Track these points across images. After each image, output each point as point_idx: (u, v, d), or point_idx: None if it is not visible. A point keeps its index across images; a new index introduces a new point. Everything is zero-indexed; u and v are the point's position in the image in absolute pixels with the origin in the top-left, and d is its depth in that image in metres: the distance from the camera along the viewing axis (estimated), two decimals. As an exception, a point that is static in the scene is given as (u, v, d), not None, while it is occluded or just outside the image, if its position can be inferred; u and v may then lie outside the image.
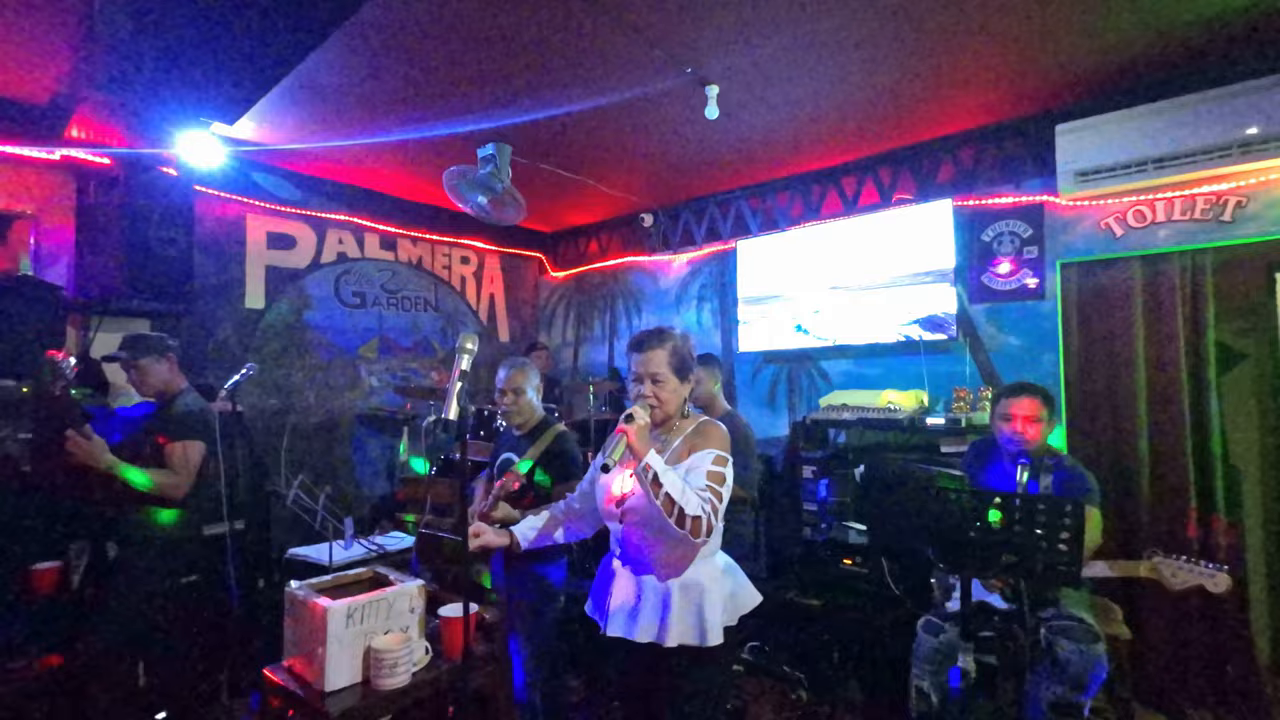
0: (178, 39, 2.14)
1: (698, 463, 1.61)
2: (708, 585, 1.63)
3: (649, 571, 1.66)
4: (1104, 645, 2.11)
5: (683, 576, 1.63)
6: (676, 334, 1.74)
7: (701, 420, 1.73)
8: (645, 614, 1.63)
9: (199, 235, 3.48)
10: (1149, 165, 2.74)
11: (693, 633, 1.60)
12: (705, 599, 1.62)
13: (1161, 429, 2.87)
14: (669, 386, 1.67)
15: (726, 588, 1.68)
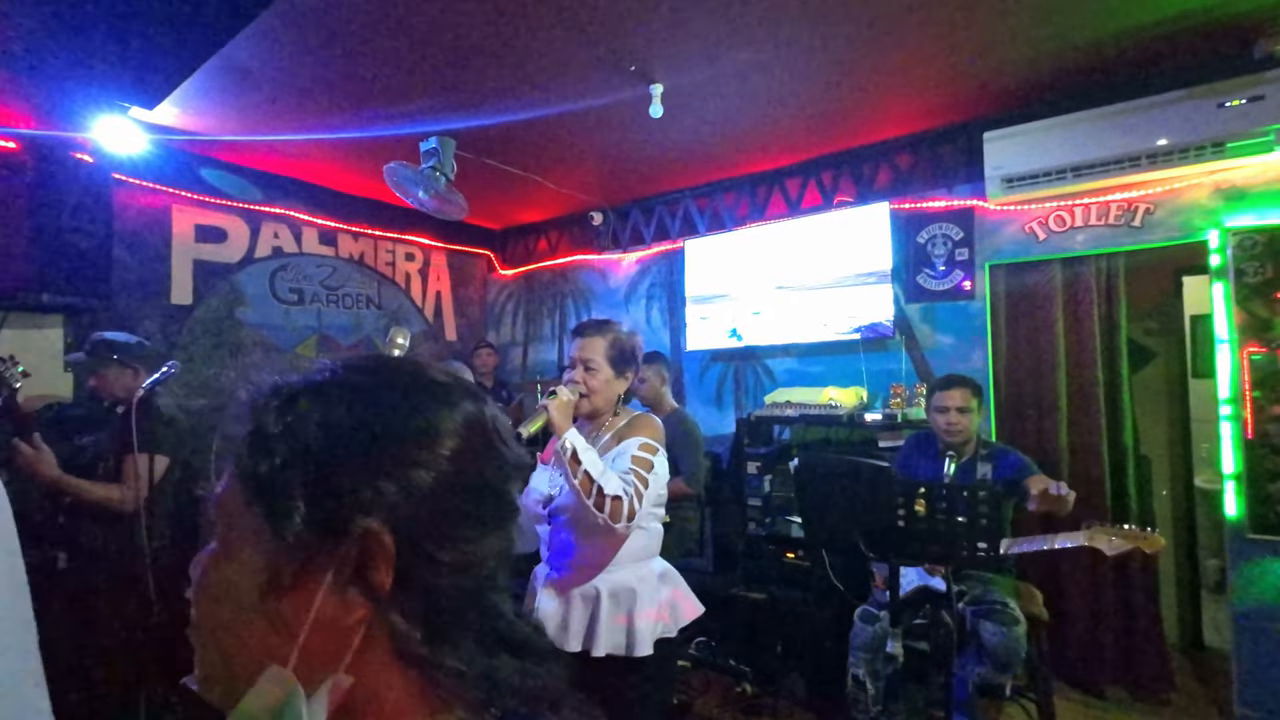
0: (87, 15, 2.01)
1: (624, 449, 1.58)
2: (640, 591, 1.58)
3: (578, 576, 1.60)
4: (1024, 627, 2.23)
5: (613, 581, 1.57)
6: (621, 328, 1.72)
7: (635, 415, 1.71)
8: (574, 621, 1.57)
9: (119, 226, 3.28)
10: (1069, 172, 2.90)
11: (622, 643, 1.54)
12: (636, 606, 1.56)
13: (1080, 421, 3.05)
14: (601, 375, 1.64)
15: (662, 595, 1.62)
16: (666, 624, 1.62)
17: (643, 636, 1.54)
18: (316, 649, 0.43)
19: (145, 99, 2.72)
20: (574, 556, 1.61)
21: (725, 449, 4.01)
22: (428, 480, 0.45)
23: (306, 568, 0.43)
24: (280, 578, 0.44)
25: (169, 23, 2.18)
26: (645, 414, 1.74)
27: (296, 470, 0.44)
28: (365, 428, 0.45)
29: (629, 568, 1.60)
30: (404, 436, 0.46)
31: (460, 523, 0.47)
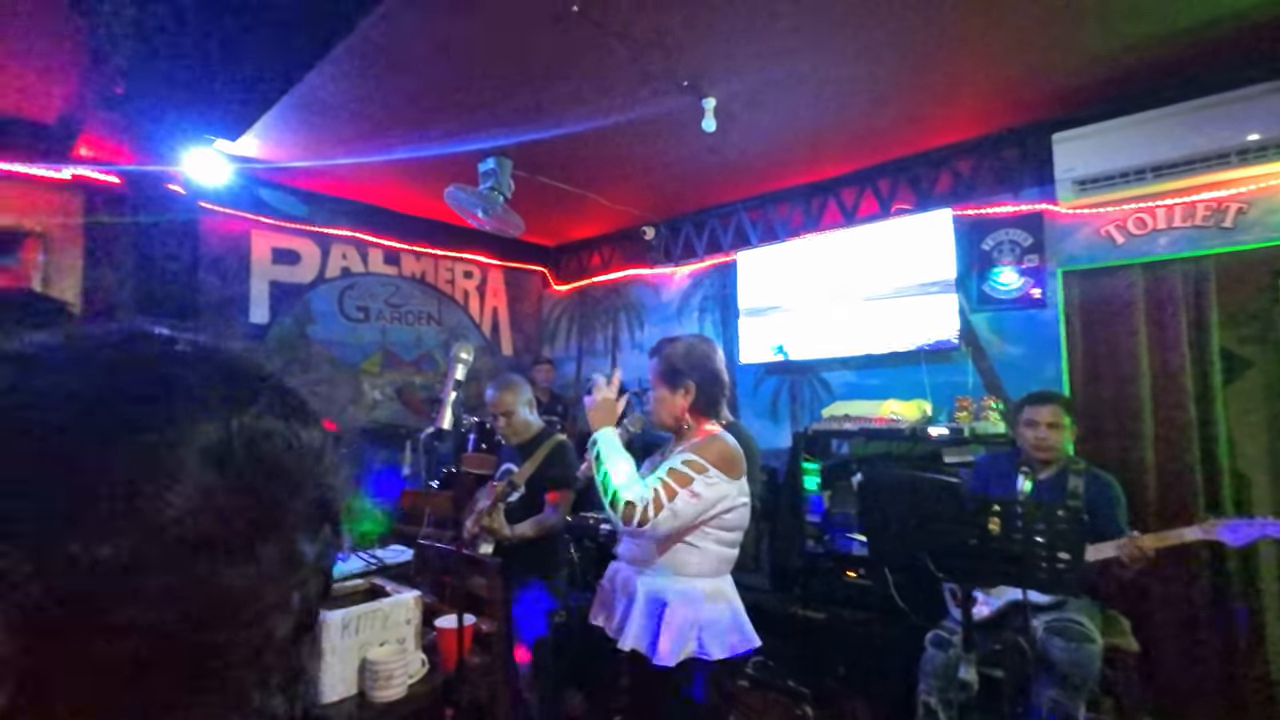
0: (180, 56, 2.18)
1: (669, 460, 1.65)
2: (672, 603, 1.59)
3: (629, 571, 1.73)
4: (1098, 646, 2.09)
5: (651, 584, 1.64)
6: (678, 342, 1.79)
7: (711, 435, 1.72)
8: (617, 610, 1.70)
9: (205, 251, 3.53)
10: (1148, 172, 2.73)
11: (645, 646, 1.59)
12: (665, 616, 1.59)
13: (1167, 437, 2.84)
14: (656, 395, 1.76)
15: (698, 614, 1.60)
16: (691, 645, 1.58)
17: (663, 648, 1.56)
18: None
19: (230, 131, 2.92)
20: (629, 552, 1.75)
21: (781, 463, 3.93)
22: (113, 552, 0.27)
23: None
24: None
25: (250, 60, 2.33)
26: (719, 435, 1.71)
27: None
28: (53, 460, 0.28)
29: (671, 578, 1.64)
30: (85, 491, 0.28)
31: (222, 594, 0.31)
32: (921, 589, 2.78)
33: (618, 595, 1.71)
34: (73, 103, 2.86)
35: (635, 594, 1.65)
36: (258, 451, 0.33)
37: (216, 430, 0.32)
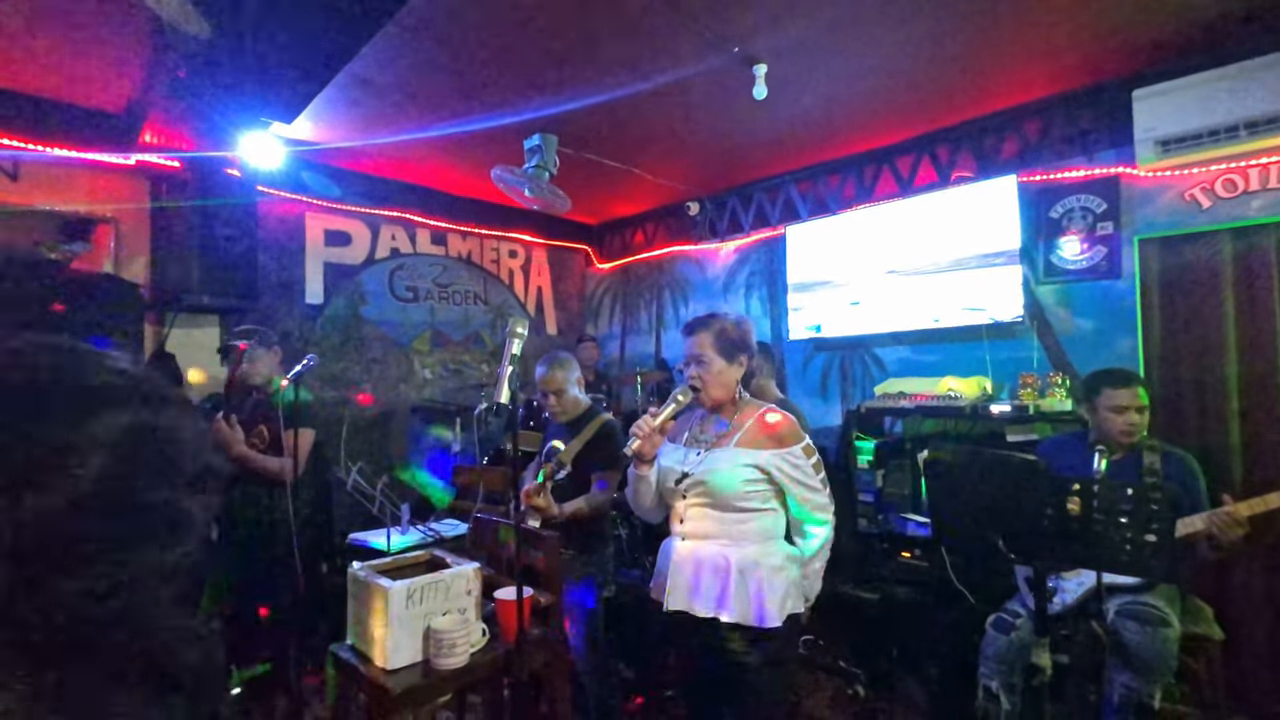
0: (238, 42, 2.22)
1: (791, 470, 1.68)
2: (766, 566, 1.66)
3: (711, 548, 1.70)
4: (1175, 631, 1.99)
5: (742, 555, 1.67)
6: (728, 317, 1.80)
7: (766, 408, 1.76)
8: (705, 587, 1.67)
9: (262, 234, 3.62)
10: (1241, 129, 2.52)
11: (750, 613, 1.62)
12: (764, 582, 1.64)
13: (1257, 417, 2.66)
14: (713, 368, 1.73)
15: (791, 574, 1.70)
16: (795, 599, 1.69)
17: (770, 609, 1.62)
18: None
19: (285, 114, 2.97)
20: (708, 530, 1.71)
21: (831, 442, 3.85)
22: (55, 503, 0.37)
23: None
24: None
25: (304, 42, 2.35)
26: (770, 408, 1.77)
27: None
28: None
29: (758, 544, 1.69)
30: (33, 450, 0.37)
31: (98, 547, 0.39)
32: (980, 571, 2.69)
33: (704, 575, 1.69)
34: (139, 91, 2.96)
35: (730, 568, 1.65)
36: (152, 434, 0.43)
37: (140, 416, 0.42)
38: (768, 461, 1.68)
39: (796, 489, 1.70)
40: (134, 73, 2.81)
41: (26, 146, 3.01)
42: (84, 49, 2.62)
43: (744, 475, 1.67)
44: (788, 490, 1.71)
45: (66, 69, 2.78)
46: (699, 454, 1.75)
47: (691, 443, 1.81)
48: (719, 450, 1.73)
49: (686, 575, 1.71)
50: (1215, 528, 1.95)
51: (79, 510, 0.38)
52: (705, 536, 1.72)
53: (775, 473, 1.68)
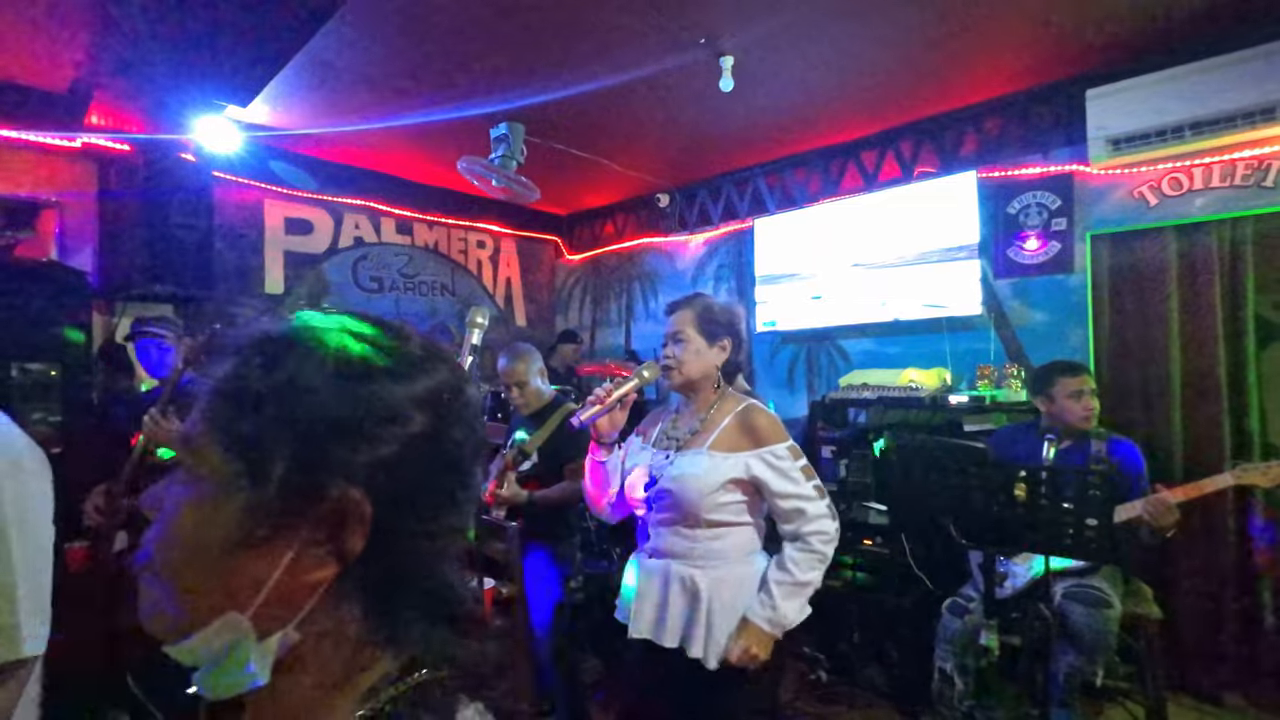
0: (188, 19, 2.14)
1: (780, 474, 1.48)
2: (744, 595, 1.49)
3: (679, 569, 1.52)
4: (1116, 612, 2.09)
5: (715, 579, 1.49)
6: (712, 299, 1.66)
7: (748, 405, 1.57)
8: (673, 616, 1.50)
9: (218, 221, 3.51)
10: (1186, 129, 2.62)
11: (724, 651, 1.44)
12: (737, 604, 1.47)
13: (1197, 407, 2.77)
14: (691, 346, 1.57)
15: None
16: None
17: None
18: (276, 602, 0.43)
19: (240, 97, 2.88)
20: (675, 547, 1.53)
21: (798, 433, 3.90)
22: (405, 452, 0.46)
23: (280, 526, 0.43)
24: (254, 532, 0.43)
25: (258, 21, 2.28)
26: (753, 405, 1.58)
27: (280, 430, 0.44)
28: (351, 394, 0.45)
29: (733, 566, 1.52)
30: (386, 407, 0.46)
31: (428, 496, 0.48)
32: (938, 557, 2.77)
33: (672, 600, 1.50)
34: (84, 69, 2.83)
35: (700, 597, 1.47)
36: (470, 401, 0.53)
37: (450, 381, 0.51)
38: (744, 464, 1.49)
39: (781, 501, 1.49)
40: (78, 49, 2.69)
41: (-38, 127, 2.87)
42: (22, 23, 2.49)
43: (714, 483, 1.48)
44: (770, 497, 1.50)
45: (4, 45, 2.64)
46: (668, 455, 1.55)
47: (661, 442, 1.61)
48: (690, 452, 1.53)
49: (653, 599, 1.52)
50: (1150, 514, 2.04)
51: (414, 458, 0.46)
52: (673, 555, 1.52)
53: (753, 476, 1.49)
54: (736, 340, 1.63)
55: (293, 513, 0.43)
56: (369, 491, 0.44)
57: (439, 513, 0.49)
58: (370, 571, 0.46)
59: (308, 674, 0.46)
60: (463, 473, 0.51)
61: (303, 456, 0.43)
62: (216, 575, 0.44)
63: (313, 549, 0.44)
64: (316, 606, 0.45)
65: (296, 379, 0.45)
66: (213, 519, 0.44)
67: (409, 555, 0.47)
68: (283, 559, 0.43)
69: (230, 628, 0.43)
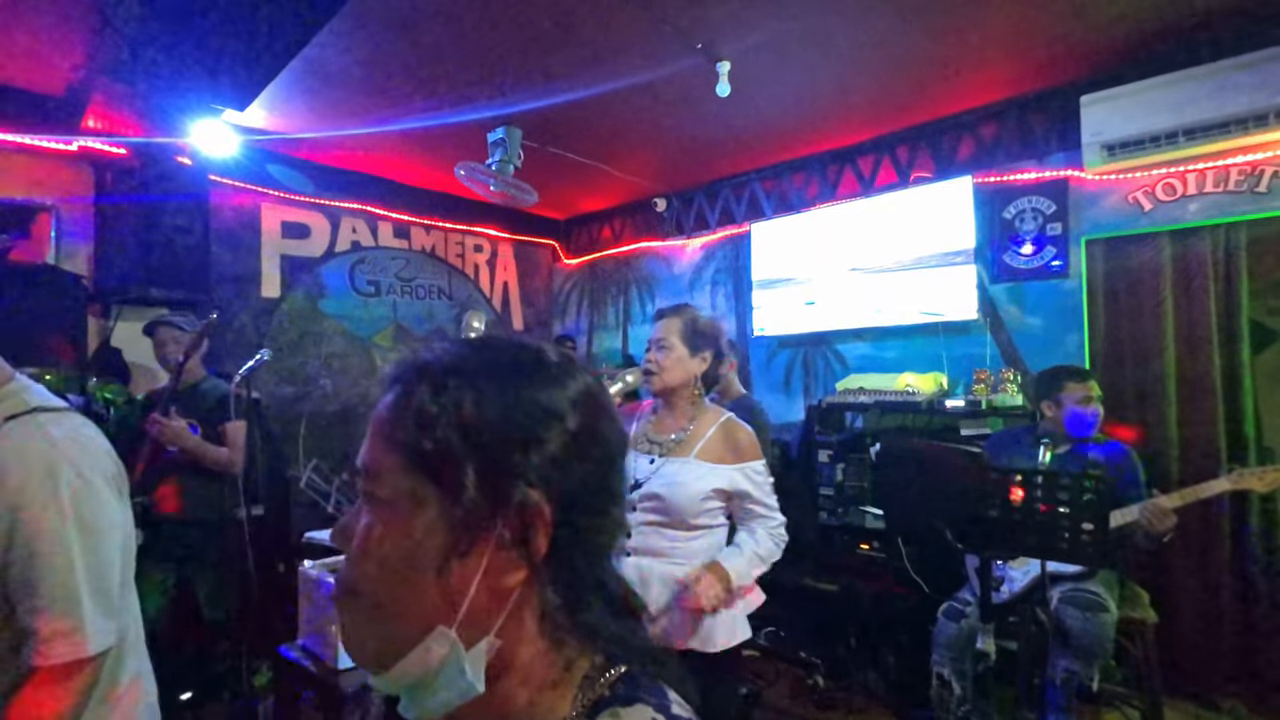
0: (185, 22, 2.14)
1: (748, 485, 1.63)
2: None
3: (660, 567, 1.60)
4: (1112, 616, 2.09)
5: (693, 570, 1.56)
6: (702, 311, 1.75)
7: (726, 421, 1.68)
8: (653, 613, 1.56)
9: (215, 225, 3.50)
10: (1180, 135, 2.63)
11: (704, 638, 1.55)
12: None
13: (1192, 411, 2.78)
14: (674, 354, 1.65)
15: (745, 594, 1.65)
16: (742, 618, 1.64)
17: (723, 632, 1.57)
18: (478, 611, 0.46)
19: (237, 101, 2.87)
20: (657, 547, 1.61)
21: (794, 436, 3.91)
22: (568, 451, 0.49)
23: (478, 535, 0.46)
24: (457, 544, 0.46)
25: (255, 25, 2.28)
26: (734, 420, 1.70)
27: (461, 446, 0.47)
28: (511, 404, 0.49)
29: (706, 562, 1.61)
30: (546, 411, 0.49)
31: (594, 491, 0.51)
32: (935, 562, 2.77)
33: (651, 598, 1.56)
34: (80, 73, 2.83)
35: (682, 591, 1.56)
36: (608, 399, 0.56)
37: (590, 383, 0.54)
38: (728, 476, 1.61)
39: (753, 506, 1.63)
40: (74, 53, 2.69)
41: (-43, 130, 2.86)
42: (19, 26, 2.49)
43: (704, 491, 1.58)
44: (743, 506, 1.64)
45: (1, 47, 2.64)
46: (653, 461, 1.64)
47: (641, 445, 1.68)
48: (677, 461, 1.62)
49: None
50: (1146, 519, 2.04)
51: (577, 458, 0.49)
52: (655, 554, 1.60)
53: (736, 488, 1.61)
54: (717, 354, 1.72)
55: (484, 521, 0.46)
56: (545, 492, 0.47)
57: (604, 506, 0.51)
58: (556, 571, 0.49)
59: (516, 678, 0.48)
60: (617, 466, 0.54)
61: (483, 466, 0.46)
62: (421, 593, 0.46)
63: (504, 554, 0.47)
64: (512, 611, 0.48)
65: (464, 396, 0.48)
66: (412, 539, 0.47)
67: (586, 551, 0.50)
68: (479, 568, 0.46)
69: (440, 642, 0.45)
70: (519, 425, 0.48)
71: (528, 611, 0.49)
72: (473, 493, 0.46)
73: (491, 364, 0.51)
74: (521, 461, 0.47)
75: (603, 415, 0.53)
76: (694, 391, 1.68)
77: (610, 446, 0.53)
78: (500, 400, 0.48)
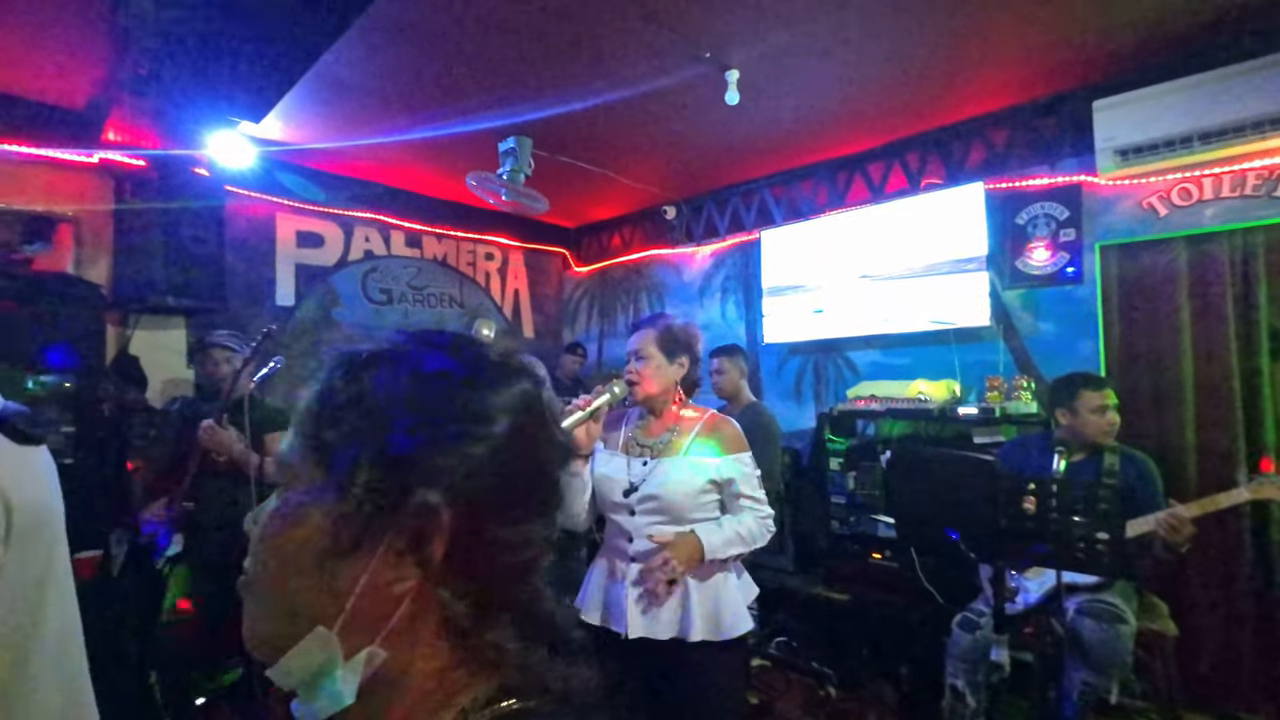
0: (203, 37, 2.18)
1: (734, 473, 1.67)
2: (721, 579, 1.66)
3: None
4: (1131, 628, 2.04)
5: (698, 570, 1.62)
6: (675, 319, 1.77)
7: (711, 417, 1.74)
8: (664, 611, 1.60)
9: (231, 234, 3.55)
10: (1195, 139, 2.61)
11: (714, 628, 1.60)
12: (722, 591, 1.64)
13: (1210, 419, 2.74)
14: (651, 363, 1.69)
15: (738, 580, 1.72)
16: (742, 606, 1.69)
17: (732, 619, 1.61)
18: (363, 616, 0.44)
19: (253, 113, 2.92)
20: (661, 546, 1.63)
21: (805, 444, 3.89)
22: (486, 459, 0.46)
23: (364, 535, 0.44)
24: (339, 542, 0.43)
25: (271, 38, 2.33)
26: (719, 416, 1.76)
27: (362, 439, 0.45)
28: (429, 402, 0.46)
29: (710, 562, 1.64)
30: (465, 413, 0.47)
31: (513, 503, 0.48)
32: (948, 571, 2.74)
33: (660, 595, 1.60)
34: (101, 87, 2.89)
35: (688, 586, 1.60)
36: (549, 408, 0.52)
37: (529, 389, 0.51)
38: (721, 469, 1.66)
39: (741, 496, 1.67)
40: (95, 68, 2.75)
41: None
42: (43, 43, 2.55)
43: (699, 485, 1.64)
44: (732, 495, 1.68)
45: (25, 63, 2.71)
46: (645, 463, 1.68)
47: (632, 450, 1.73)
48: (669, 460, 1.67)
49: (639, 598, 1.62)
50: (1164, 529, 2.01)
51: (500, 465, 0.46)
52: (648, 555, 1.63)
53: (726, 479, 1.66)
54: (694, 358, 1.75)
55: (375, 520, 0.44)
56: (453, 497, 0.44)
57: (524, 520, 0.48)
58: (457, 583, 0.46)
59: (396, 695, 0.45)
60: (547, 479, 0.51)
61: (384, 465, 0.44)
62: (307, 590, 0.44)
63: (395, 559, 0.44)
64: (404, 622, 0.45)
65: (376, 389, 0.46)
66: (303, 532, 0.45)
67: (495, 565, 0.47)
68: (365, 571, 0.44)
69: (319, 643, 0.43)
70: (433, 425, 0.45)
71: (422, 625, 0.45)
72: (361, 490, 0.43)
73: (421, 360, 0.48)
74: (429, 464, 0.44)
75: (538, 426, 0.50)
76: (676, 396, 1.74)
77: (541, 460, 0.50)
78: (417, 397, 0.46)
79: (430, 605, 0.45)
